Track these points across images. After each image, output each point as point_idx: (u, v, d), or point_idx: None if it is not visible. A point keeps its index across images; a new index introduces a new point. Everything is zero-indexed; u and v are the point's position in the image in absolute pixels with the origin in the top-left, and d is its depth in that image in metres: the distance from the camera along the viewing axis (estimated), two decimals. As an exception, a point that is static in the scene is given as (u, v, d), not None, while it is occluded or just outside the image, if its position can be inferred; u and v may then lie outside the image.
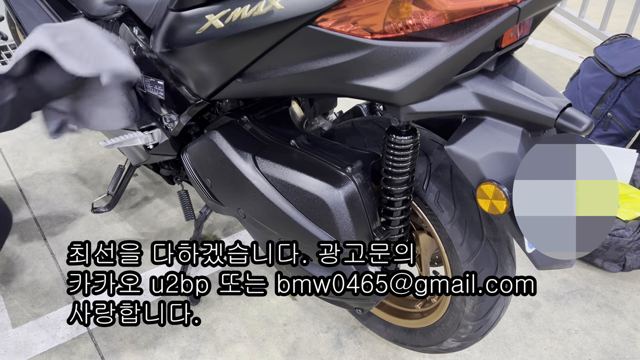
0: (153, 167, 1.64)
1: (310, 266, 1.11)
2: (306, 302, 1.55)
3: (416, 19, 0.78)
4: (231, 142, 1.15)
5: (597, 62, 2.13)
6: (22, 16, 1.64)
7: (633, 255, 1.64)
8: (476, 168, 0.85)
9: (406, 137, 0.96)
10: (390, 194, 1.02)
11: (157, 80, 1.24)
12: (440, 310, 1.21)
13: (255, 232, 1.22)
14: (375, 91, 0.84)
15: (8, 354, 1.38)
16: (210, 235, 1.78)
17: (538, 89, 0.84)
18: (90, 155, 2.14)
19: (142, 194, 1.95)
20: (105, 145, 1.39)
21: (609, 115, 2.08)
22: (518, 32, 0.86)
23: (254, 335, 1.45)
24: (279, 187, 1.06)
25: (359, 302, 1.12)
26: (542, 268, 0.92)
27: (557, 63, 3.07)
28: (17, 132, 2.24)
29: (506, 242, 1.08)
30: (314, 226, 1.04)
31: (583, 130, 0.79)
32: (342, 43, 0.83)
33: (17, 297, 1.53)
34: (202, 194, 1.32)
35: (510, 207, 0.83)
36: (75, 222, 1.81)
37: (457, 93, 0.85)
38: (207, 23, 0.95)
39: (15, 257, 1.66)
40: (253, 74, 0.98)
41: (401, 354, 1.41)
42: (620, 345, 1.47)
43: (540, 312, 1.55)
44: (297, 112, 1.29)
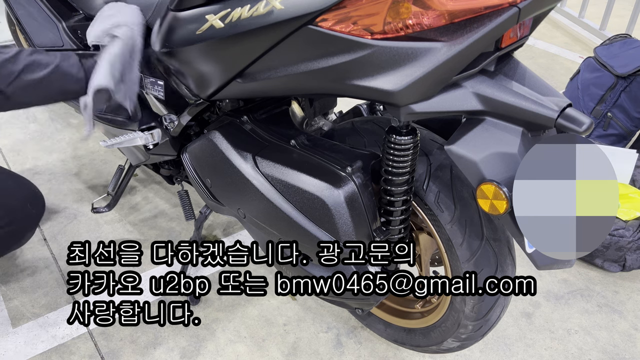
0: (153, 167, 1.64)
1: (310, 266, 1.11)
2: (306, 302, 1.55)
3: (416, 19, 0.78)
4: (231, 142, 1.15)
5: (597, 62, 2.13)
6: (22, 16, 1.64)
7: (633, 255, 1.64)
8: (476, 168, 0.85)
9: (406, 137, 0.96)
10: (390, 194, 1.02)
11: (157, 80, 1.24)
12: (440, 310, 1.21)
13: (255, 232, 1.22)
14: (375, 91, 0.84)
15: (8, 354, 1.38)
16: (210, 235, 1.78)
17: (538, 89, 0.84)
18: (90, 155, 2.14)
19: (142, 194, 1.95)
20: (105, 145, 1.38)
21: (609, 115, 2.08)
22: (518, 32, 0.86)
23: (254, 335, 1.45)
24: (279, 187, 1.06)
25: (359, 302, 1.12)
26: (542, 268, 0.92)
27: (557, 63, 3.07)
28: (17, 132, 2.24)
29: (506, 242, 1.08)
30: (314, 226, 1.04)
31: (583, 130, 0.79)
32: (342, 43, 0.83)
33: (17, 297, 1.53)
34: (202, 194, 1.32)
35: (510, 207, 0.83)
36: (75, 222, 1.81)
37: (457, 93, 0.85)
38: (207, 23, 0.95)
39: (15, 257, 1.66)
40: (253, 74, 0.98)
41: (401, 354, 1.41)
42: (620, 345, 1.47)
43: (540, 312, 1.55)
44: (297, 112, 1.29)
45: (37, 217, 1.48)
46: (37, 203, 1.47)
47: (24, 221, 1.43)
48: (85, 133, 1.15)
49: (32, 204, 1.44)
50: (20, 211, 1.40)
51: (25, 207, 1.41)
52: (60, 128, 2.29)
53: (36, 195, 1.49)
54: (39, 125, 2.30)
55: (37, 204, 1.48)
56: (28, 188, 1.47)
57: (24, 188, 1.45)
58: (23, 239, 1.48)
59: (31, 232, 1.49)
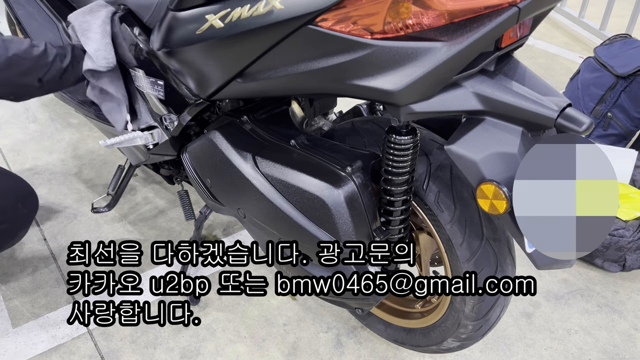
0: (153, 167, 1.64)
1: (310, 266, 1.11)
2: (306, 302, 1.55)
3: (416, 19, 0.78)
4: (231, 142, 1.15)
5: (597, 62, 2.13)
6: (22, 16, 1.64)
7: (633, 255, 1.64)
8: (476, 168, 0.85)
9: (406, 137, 0.96)
10: (390, 194, 1.02)
11: (157, 80, 1.24)
12: (440, 310, 1.21)
13: (255, 232, 1.22)
14: (375, 91, 0.84)
15: (8, 354, 1.38)
16: (210, 235, 1.78)
17: (538, 89, 0.84)
18: (90, 155, 2.14)
19: (142, 194, 1.95)
20: (105, 145, 1.38)
21: (609, 115, 2.08)
22: (518, 32, 0.86)
23: (254, 335, 1.45)
24: (279, 187, 1.06)
25: (359, 302, 1.12)
26: (542, 268, 0.92)
27: (557, 63, 3.07)
28: (17, 132, 2.24)
29: (506, 242, 1.08)
30: (314, 226, 1.04)
31: (583, 130, 0.79)
32: (342, 43, 0.83)
33: (17, 297, 1.53)
34: (202, 194, 1.32)
35: (510, 207, 0.83)
36: (75, 222, 1.81)
37: (457, 93, 0.85)
38: (207, 23, 0.95)
39: (15, 257, 1.66)
40: (253, 74, 0.98)
41: (401, 354, 1.41)
42: (620, 345, 1.47)
43: (540, 312, 1.55)
44: (297, 112, 1.29)
45: (30, 216, 1.48)
46: (29, 202, 1.47)
47: (15, 220, 1.42)
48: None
49: (23, 203, 1.44)
50: (11, 210, 1.40)
51: (17, 206, 1.41)
52: (60, 128, 2.29)
53: (28, 193, 1.48)
54: (39, 125, 2.30)
55: (30, 203, 1.47)
56: (19, 187, 1.46)
57: (15, 187, 1.45)
58: (15, 237, 1.47)
59: (24, 230, 1.49)
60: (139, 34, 1.27)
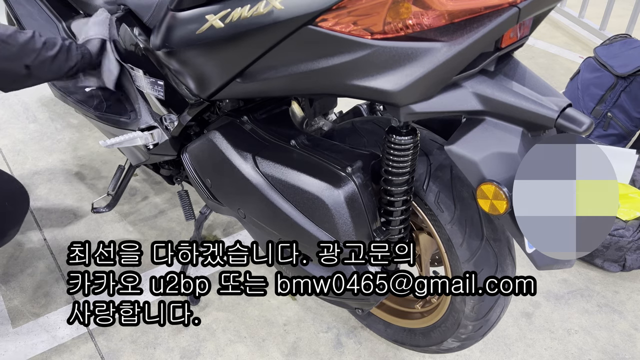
0: (153, 167, 1.64)
1: (310, 266, 1.11)
2: (306, 302, 1.55)
3: (416, 19, 0.78)
4: (231, 142, 1.15)
5: (597, 62, 2.13)
6: (22, 16, 1.64)
7: (633, 255, 1.64)
8: (476, 168, 0.85)
9: (406, 137, 0.96)
10: (390, 194, 1.02)
11: (157, 80, 1.24)
12: (440, 310, 1.21)
13: (255, 232, 1.22)
14: (375, 91, 0.84)
15: (8, 354, 1.38)
16: (210, 235, 1.78)
17: (538, 89, 0.84)
18: (90, 155, 2.14)
19: (142, 194, 1.95)
20: (105, 145, 1.38)
21: (609, 115, 2.08)
22: (518, 32, 0.86)
23: (254, 335, 1.45)
24: (279, 187, 1.06)
25: (359, 302, 1.12)
26: (542, 268, 0.92)
27: (557, 63, 3.07)
28: (17, 132, 2.24)
29: (506, 242, 1.08)
30: (314, 226, 1.04)
31: (583, 131, 0.79)
32: (342, 43, 0.83)
33: (17, 297, 1.53)
34: (202, 194, 1.32)
35: (510, 207, 0.83)
36: (75, 222, 1.81)
37: (457, 93, 0.85)
38: (207, 23, 0.95)
39: (15, 257, 1.66)
40: (253, 74, 0.98)
41: (401, 354, 1.41)
42: (620, 345, 1.47)
43: (540, 312, 1.55)
44: (297, 112, 1.29)
45: (18, 215, 1.46)
46: (17, 200, 1.45)
47: (3, 219, 1.41)
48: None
49: (10, 202, 1.41)
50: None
51: (3, 205, 1.39)
52: (60, 128, 2.29)
53: (17, 192, 1.46)
54: (39, 125, 2.30)
55: (18, 202, 1.45)
56: (6, 186, 1.44)
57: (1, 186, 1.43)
58: (6, 236, 1.46)
59: (14, 229, 1.46)
60: (139, 34, 1.27)
